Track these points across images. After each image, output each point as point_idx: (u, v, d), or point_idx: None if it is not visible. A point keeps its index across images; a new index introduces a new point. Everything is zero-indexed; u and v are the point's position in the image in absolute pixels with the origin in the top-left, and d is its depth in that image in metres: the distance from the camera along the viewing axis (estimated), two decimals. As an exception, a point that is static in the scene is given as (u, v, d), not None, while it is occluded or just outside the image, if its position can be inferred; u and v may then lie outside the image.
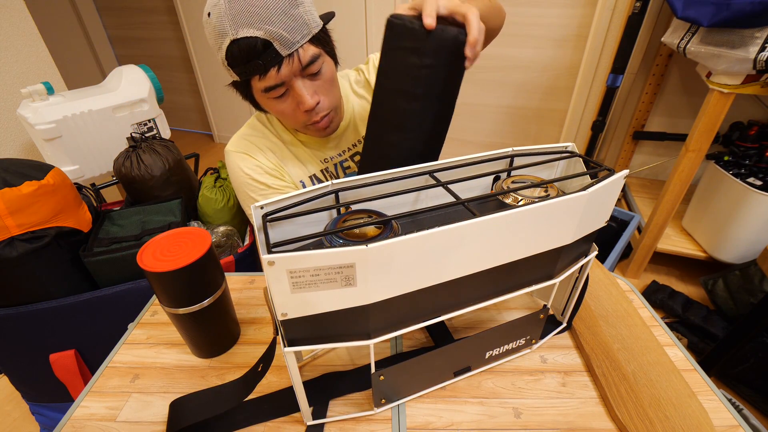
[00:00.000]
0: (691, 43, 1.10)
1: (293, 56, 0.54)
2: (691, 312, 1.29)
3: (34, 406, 0.91)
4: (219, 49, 0.55)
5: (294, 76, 0.57)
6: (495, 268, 0.36)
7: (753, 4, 0.91)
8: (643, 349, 0.48)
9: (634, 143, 1.73)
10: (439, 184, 0.40)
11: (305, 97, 0.58)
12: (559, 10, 1.54)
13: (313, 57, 0.56)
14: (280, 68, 0.54)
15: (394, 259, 0.31)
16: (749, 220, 1.25)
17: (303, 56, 0.55)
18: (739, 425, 0.41)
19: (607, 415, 0.43)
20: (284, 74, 0.55)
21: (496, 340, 0.45)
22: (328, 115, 0.64)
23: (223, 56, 0.55)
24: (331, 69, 0.62)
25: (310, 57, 0.56)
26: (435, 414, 0.43)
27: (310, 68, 0.57)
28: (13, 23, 1.19)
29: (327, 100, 0.62)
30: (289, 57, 0.54)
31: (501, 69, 1.72)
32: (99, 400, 0.45)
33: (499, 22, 0.64)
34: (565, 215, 0.36)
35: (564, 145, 0.46)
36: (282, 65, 0.54)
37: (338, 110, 0.68)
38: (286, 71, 0.55)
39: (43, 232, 0.72)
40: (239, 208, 1.09)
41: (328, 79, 0.61)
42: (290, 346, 0.34)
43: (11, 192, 0.67)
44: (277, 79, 0.55)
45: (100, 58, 2.63)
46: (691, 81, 1.54)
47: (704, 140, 1.17)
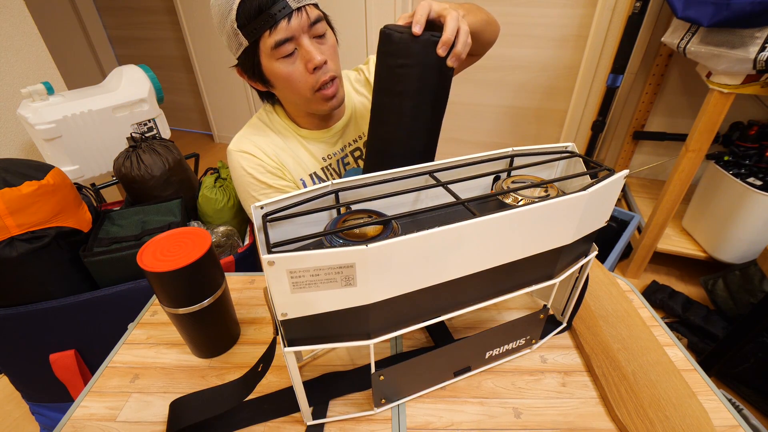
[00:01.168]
0: (691, 43, 1.10)
1: (302, 11, 0.58)
2: (691, 312, 1.29)
3: (34, 406, 0.91)
4: (227, 16, 0.57)
5: (303, 32, 0.59)
6: (495, 268, 0.36)
7: (753, 4, 0.91)
8: (643, 349, 0.48)
9: (634, 143, 1.73)
10: (439, 184, 0.40)
11: (313, 53, 0.60)
12: (559, 10, 1.54)
13: (318, 17, 0.60)
14: (290, 20, 0.57)
15: (394, 259, 0.31)
16: (749, 220, 1.25)
17: (310, 14, 0.59)
18: (739, 425, 0.41)
19: (607, 415, 0.43)
20: (294, 26, 0.58)
21: (496, 340, 0.45)
22: (334, 81, 0.65)
23: (233, 19, 0.57)
24: (333, 38, 0.65)
25: (316, 16, 0.60)
26: (435, 414, 0.43)
27: (317, 28, 0.61)
28: (13, 23, 1.19)
29: (333, 63, 0.64)
30: (298, 11, 0.57)
31: (501, 69, 1.72)
32: (99, 400, 0.45)
33: (492, 34, 0.69)
34: (565, 215, 0.36)
35: (564, 145, 0.46)
36: (292, 17, 0.57)
37: (341, 84, 0.69)
38: (296, 23, 0.58)
39: (43, 232, 0.72)
40: (239, 208, 1.09)
41: (332, 45, 0.64)
42: (290, 346, 0.34)
43: (11, 192, 0.67)
44: (287, 32, 0.58)
45: (100, 58, 2.63)
46: (691, 81, 1.54)
47: (704, 140, 1.17)
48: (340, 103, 0.70)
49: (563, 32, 1.58)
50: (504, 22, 1.59)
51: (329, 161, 0.74)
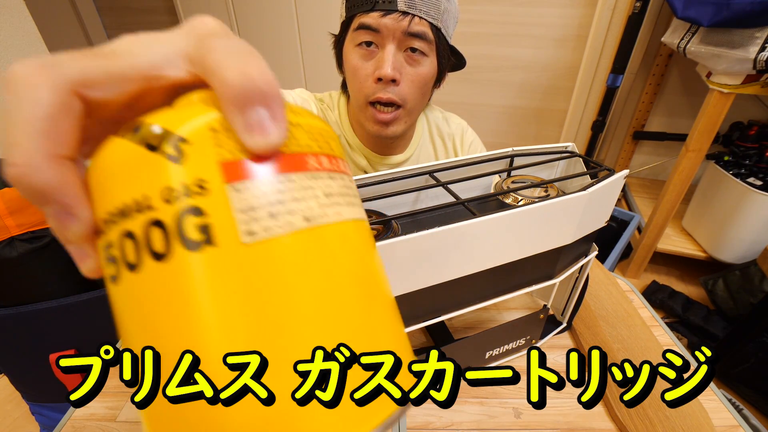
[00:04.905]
0: (691, 43, 1.10)
1: (406, 17, 0.52)
2: (691, 312, 1.29)
3: (34, 406, 0.91)
4: None
5: (392, 37, 0.54)
6: (495, 268, 0.36)
7: (753, 4, 0.91)
8: (643, 349, 0.48)
9: (634, 143, 1.73)
10: (439, 184, 0.40)
11: (386, 63, 0.54)
12: (559, 10, 1.54)
13: (421, 33, 0.53)
14: (385, 15, 0.52)
15: (394, 259, 0.31)
16: (749, 220, 1.25)
17: (413, 24, 0.52)
18: (739, 425, 0.41)
19: (607, 414, 0.43)
20: (386, 23, 0.52)
21: (496, 340, 0.45)
22: (395, 109, 0.58)
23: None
24: (429, 71, 0.58)
25: (419, 30, 0.53)
26: (435, 414, 0.43)
27: (413, 41, 0.54)
28: (13, 23, 1.19)
29: (407, 90, 0.57)
30: (402, 14, 0.52)
31: (501, 69, 1.72)
32: (99, 400, 0.45)
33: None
34: (565, 215, 0.36)
35: (564, 145, 0.46)
36: (390, 15, 0.52)
37: (408, 121, 0.62)
38: (390, 22, 0.52)
39: (43, 232, 0.72)
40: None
41: (421, 74, 0.57)
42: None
43: (11, 192, 0.67)
44: (377, 24, 0.53)
45: (100, 58, 2.63)
46: (691, 81, 1.54)
47: (704, 140, 1.17)
48: (392, 137, 0.63)
49: (563, 32, 1.58)
50: (504, 22, 1.60)
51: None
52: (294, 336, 0.12)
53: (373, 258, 0.16)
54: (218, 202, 0.12)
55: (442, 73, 0.61)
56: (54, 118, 0.12)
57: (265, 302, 0.12)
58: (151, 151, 0.12)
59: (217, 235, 0.12)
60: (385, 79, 0.55)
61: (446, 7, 0.54)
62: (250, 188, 0.13)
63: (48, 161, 0.12)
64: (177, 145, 0.12)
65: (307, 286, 0.13)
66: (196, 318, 0.12)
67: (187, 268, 0.12)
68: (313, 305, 0.13)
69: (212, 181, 0.12)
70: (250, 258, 0.12)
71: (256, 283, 0.12)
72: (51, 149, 0.12)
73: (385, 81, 0.55)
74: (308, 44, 1.78)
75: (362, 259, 0.15)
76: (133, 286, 0.13)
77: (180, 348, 0.12)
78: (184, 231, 0.12)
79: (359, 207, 0.16)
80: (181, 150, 0.12)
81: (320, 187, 0.14)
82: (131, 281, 0.13)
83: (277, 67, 1.98)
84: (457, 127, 0.74)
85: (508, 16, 1.59)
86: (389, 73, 0.54)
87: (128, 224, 0.12)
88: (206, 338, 0.12)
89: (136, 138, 0.13)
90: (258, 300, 0.12)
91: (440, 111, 0.76)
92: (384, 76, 0.54)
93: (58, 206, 0.13)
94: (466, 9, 1.57)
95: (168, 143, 0.12)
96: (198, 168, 0.12)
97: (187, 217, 0.12)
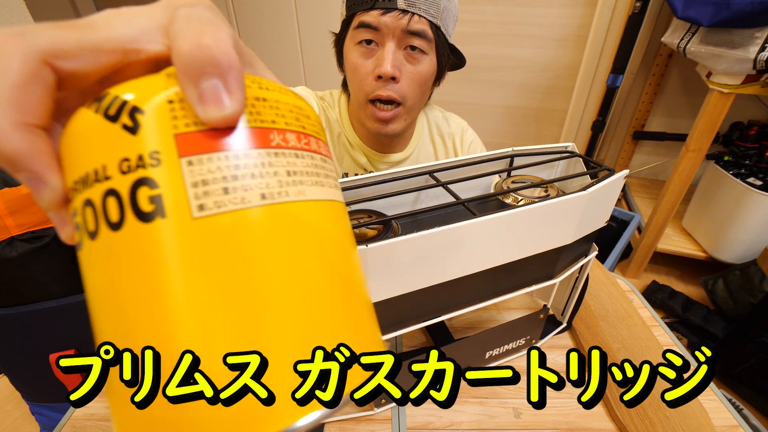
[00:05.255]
0: (691, 43, 1.10)
1: (405, 15, 0.52)
2: (691, 312, 1.29)
3: (34, 406, 0.91)
4: None
5: (392, 35, 0.54)
6: (495, 268, 0.36)
7: (753, 4, 0.91)
8: (643, 349, 0.48)
9: (634, 143, 1.72)
10: (439, 184, 0.40)
11: (386, 61, 0.54)
12: (559, 10, 1.54)
13: (421, 31, 0.54)
14: (385, 13, 0.52)
15: (394, 259, 0.31)
16: (749, 220, 1.25)
17: (413, 22, 0.53)
18: (739, 425, 0.41)
19: (607, 415, 0.43)
20: (385, 22, 0.52)
21: (496, 340, 0.45)
22: (395, 107, 0.58)
23: None
24: (429, 69, 0.58)
25: (418, 29, 0.53)
26: (435, 414, 0.43)
27: (412, 39, 0.54)
28: (13, 23, 1.19)
29: (407, 88, 0.57)
30: (401, 12, 0.52)
31: (501, 69, 1.72)
32: (99, 400, 0.45)
33: None
34: (565, 215, 0.36)
35: (564, 145, 0.46)
36: (390, 13, 0.52)
37: (408, 119, 0.62)
38: (390, 21, 0.52)
39: (43, 232, 0.72)
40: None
41: (421, 72, 0.57)
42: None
43: (11, 192, 0.67)
44: (376, 22, 0.53)
45: (100, 58, 2.64)
46: (691, 81, 1.54)
47: (704, 140, 1.17)
48: (392, 135, 0.63)
49: (563, 32, 1.57)
50: (504, 22, 1.60)
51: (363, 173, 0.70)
52: (236, 311, 0.12)
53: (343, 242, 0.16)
54: (171, 174, 0.12)
55: (442, 71, 0.61)
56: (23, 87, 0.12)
57: (212, 276, 0.12)
58: (109, 121, 0.13)
59: (168, 208, 0.12)
60: (385, 77, 0.55)
61: (446, 5, 0.55)
62: (204, 162, 0.13)
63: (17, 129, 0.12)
64: (134, 116, 0.13)
65: (258, 262, 0.13)
66: (146, 285, 0.12)
67: (139, 238, 0.12)
68: (262, 283, 0.13)
69: (166, 153, 0.12)
70: (201, 232, 0.12)
71: (206, 256, 0.12)
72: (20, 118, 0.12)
73: (385, 78, 0.55)
74: (308, 44, 1.78)
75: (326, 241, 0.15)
76: (92, 253, 0.13)
77: (132, 311, 0.12)
78: (136, 202, 0.12)
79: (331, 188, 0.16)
80: (137, 121, 0.13)
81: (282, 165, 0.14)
82: (91, 248, 0.13)
83: (277, 67, 1.98)
84: (458, 126, 0.74)
85: (508, 16, 1.59)
86: (389, 71, 0.54)
87: (89, 193, 0.13)
88: (155, 305, 0.12)
89: (98, 108, 0.13)
90: (205, 273, 0.12)
91: (440, 111, 0.76)
92: (384, 73, 0.54)
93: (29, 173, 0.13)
94: (466, 9, 1.57)
95: (125, 114, 0.13)
96: (153, 139, 0.12)
97: (140, 189, 0.12)
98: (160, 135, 0.13)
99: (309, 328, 0.13)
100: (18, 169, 0.13)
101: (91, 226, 0.13)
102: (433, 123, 0.73)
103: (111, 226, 0.12)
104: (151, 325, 0.12)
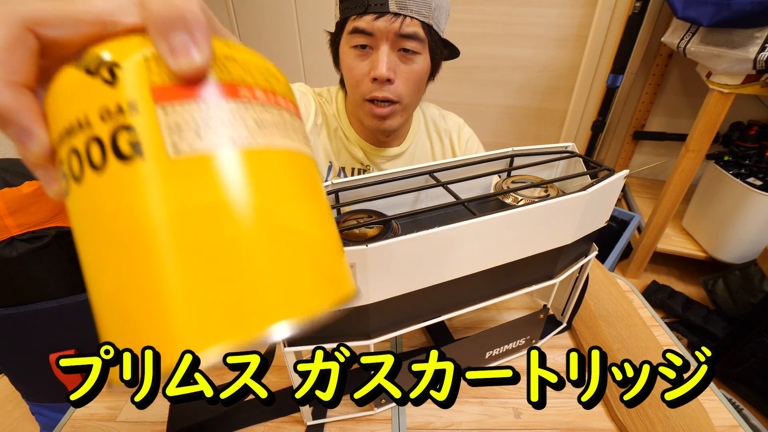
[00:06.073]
0: (691, 43, 1.10)
1: (397, 18, 0.53)
2: (691, 312, 1.29)
3: (34, 406, 0.91)
4: None
5: (386, 38, 0.55)
6: (495, 268, 0.36)
7: (753, 4, 0.91)
8: (643, 349, 0.48)
9: (634, 143, 1.72)
10: (439, 184, 0.40)
11: (381, 64, 0.55)
12: (559, 10, 1.54)
13: (413, 34, 0.55)
14: (378, 18, 0.53)
15: (394, 259, 0.31)
16: (749, 220, 1.25)
17: (405, 25, 0.54)
18: (739, 425, 0.41)
19: (607, 414, 0.43)
20: (379, 26, 0.53)
21: (496, 340, 0.45)
22: (391, 104, 0.60)
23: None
24: (423, 67, 0.59)
25: (411, 31, 0.54)
26: (435, 414, 0.43)
27: (405, 42, 0.55)
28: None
29: (402, 88, 0.59)
30: (393, 15, 0.53)
31: (501, 69, 1.72)
32: (99, 400, 0.45)
33: None
34: (565, 215, 0.36)
35: (564, 145, 0.46)
36: (382, 17, 0.53)
37: (405, 115, 0.64)
38: (383, 25, 0.53)
39: (43, 232, 0.72)
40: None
41: (416, 71, 0.58)
42: (290, 346, 0.34)
43: (11, 192, 0.67)
44: (370, 27, 0.54)
45: (100, 58, 2.63)
46: (691, 81, 1.54)
47: (704, 140, 1.17)
48: (389, 131, 0.65)
49: (563, 32, 1.57)
50: (504, 22, 1.60)
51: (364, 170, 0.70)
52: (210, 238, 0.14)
53: (311, 188, 0.17)
54: (148, 120, 0.14)
55: (436, 67, 0.63)
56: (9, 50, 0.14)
57: (187, 211, 0.14)
58: (90, 75, 0.14)
59: (145, 150, 0.14)
60: (381, 79, 0.56)
61: (437, 3, 0.55)
62: (177, 109, 0.14)
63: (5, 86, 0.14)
64: (113, 70, 0.14)
65: (230, 200, 0.14)
66: (127, 219, 0.14)
67: (120, 178, 0.14)
68: (233, 220, 0.14)
69: (143, 101, 0.14)
70: (177, 171, 0.14)
71: (182, 194, 0.14)
72: (7, 76, 0.14)
73: (380, 81, 0.57)
74: (308, 43, 1.78)
75: (294, 185, 0.16)
76: (79, 196, 0.14)
77: (116, 242, 0.14)
78: (117, 145, 0.14)
79: (300, 142, 0.17)
80: (116, 75, 0.14)
81: (251, 116, 0.15)
82: (77, 192, 0.14)
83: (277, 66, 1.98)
84: (454, 123, 0.76)
85: (508, 16, 1.59)
86: (384, 74, 0.56)
87: (73, 141, 0.14)
88: (136, 237, 0.13)
89: (80, 65, 0.15)
90: (180, 208, 0.13)
91: (437, 108, 0.77)
92: (379, 76, 0.56)
93: (17, 128, 0.15)
94: (466, 9, 1.57)
95: (105, 69, 0.14)
96: (130, 90, 0.14)
97: (120, 133, 0.14)
98: (137, 87, 0.14)
99: (281, 270, 0.15)
100: (6, 124, 0.14)
101: (77, 171, 0.14)
102: (430, 119, 0.75)
103: (94, 168, 0.14)
104: (133, 254, 0.13)
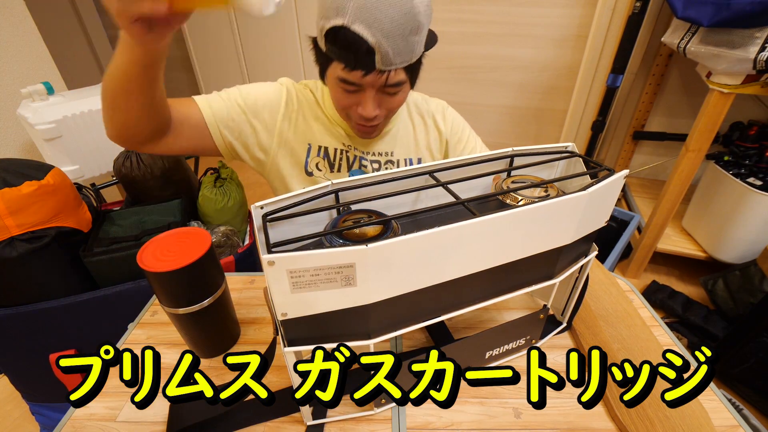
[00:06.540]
0: (691, 43, 1.10)
1: (384, 73, 0.55)
2: (691, 312, 1.29)
3: (34, 406, 0.91)
4: (326, 19, 0.53)
5: (373, 87, 0.58)
6: (495, 268, 0.36)
7: (753, 4, 0.91)
8: (643, 349, 0.48)
9: (634, 143, 1.73)
10: (439, 184, 0.40)
11: (369, 108, 0.60)
12: (559, 10, 1.54)
13: (399, 82, 0.58)
14: (366, 75, 0.55)
15: (394, 259, 0.31)
16: (749, 220, 1.25)
17: (391, 77, 0.57)
18: (739, 425, 0.41)
19: (607, 414, 0.43)
20: (367, 81, 0.57)
21: (496, 340, 0.45)
22: (377, 126, 0.65)
23: (324, 27, 0.54)
24: (404, 96, 0.64)
25: (396, 81, 0.58)
26: (435, 414, 0.43)
27: (391, 89, 0.59)
28: (13, 23, 1.19)
29: (386, 113, 0.64)
30: (381, 72, 0.55)
31: (501, 69, 1.72)
32: (99, 400, 0.45)
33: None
34: (565, 215, 0.36)
35: (564, 145, 0.46)
36: (370, 75, 0.55)
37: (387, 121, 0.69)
38: (370, 80, 0.56)
39: (43, 232, 0.72)
40: (239, 208, 1.09)
41: (399, 101, 0.63)
42: (290, 346, 0.34)
43: (11, 192, 0.67)
44: (358, 80, 0.57)
45: (100, 58, 2.63)
46: (691, 81, 1.54)
47: (704, 140, 1.17)
48: (376, 135, 0.69)
49: (563, 32, 1.57)
50: (504, 22, 1.60)
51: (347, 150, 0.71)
52: None
53: None
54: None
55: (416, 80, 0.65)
56: None
57: None
58: None
59: None
60: (369, 117, 0.61)
61: (419, 40, 0.56)
62: None
63: None
64: None
65: None
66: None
67: None
68: None
69: None
70: None
71: None
72: None
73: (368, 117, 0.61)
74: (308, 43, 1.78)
75: None
76: None
77: None
78: None
79: None
80: None
81: None
82: None
83: (277, 66, 1.98)
84: (437, 105, 0.78)
85: (508, 16, 1.59)
86: (371, 115, 0.60)
87: None
88: None
89: None
90: None
91: (420, 94, 0.79)
92: (366, 116, 0.60)
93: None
94: (466, 9, 1.58)
95: None
96: None
97: None
98: None
99: None
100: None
101: None
102: (412, 103, 0.77)
103: None
104: None
